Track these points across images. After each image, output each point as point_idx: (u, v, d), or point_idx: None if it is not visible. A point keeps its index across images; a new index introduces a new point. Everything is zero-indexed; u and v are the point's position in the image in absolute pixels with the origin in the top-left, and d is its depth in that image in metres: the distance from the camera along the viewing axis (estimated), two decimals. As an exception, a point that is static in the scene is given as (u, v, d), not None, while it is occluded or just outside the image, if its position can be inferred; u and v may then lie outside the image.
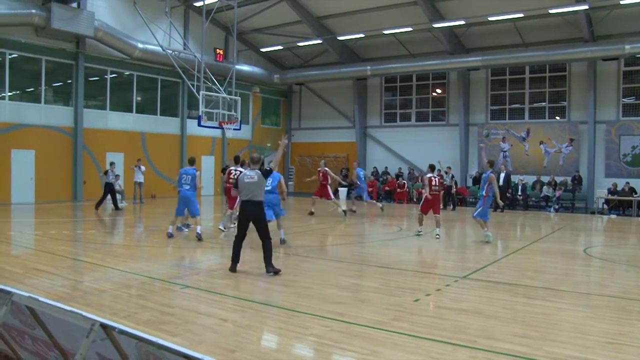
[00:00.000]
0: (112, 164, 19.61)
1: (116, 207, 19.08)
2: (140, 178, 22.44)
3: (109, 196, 19.11)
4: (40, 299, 3.51)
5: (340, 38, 27.65)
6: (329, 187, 18.64)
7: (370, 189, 27.36)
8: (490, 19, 22.78)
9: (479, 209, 12.55)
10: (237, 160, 13.96)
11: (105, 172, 19.40)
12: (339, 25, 27.09)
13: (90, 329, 2.98)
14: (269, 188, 11.90)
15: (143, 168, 22.56)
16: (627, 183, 22.15)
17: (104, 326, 2.98)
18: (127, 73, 24.77)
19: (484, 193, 12.48)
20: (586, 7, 20.66)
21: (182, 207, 12.40)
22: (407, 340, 5.30)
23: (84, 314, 3.11)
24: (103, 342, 3.04)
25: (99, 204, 18.80)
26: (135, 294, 7.08)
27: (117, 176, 20.02)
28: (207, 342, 5.16)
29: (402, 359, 4.84)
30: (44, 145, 21.51)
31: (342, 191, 28.26)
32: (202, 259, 10.36)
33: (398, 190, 26.67)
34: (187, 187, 12.12)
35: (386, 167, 29.02)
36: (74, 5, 21.14)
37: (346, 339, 5.31)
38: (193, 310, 6.31)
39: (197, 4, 25.01)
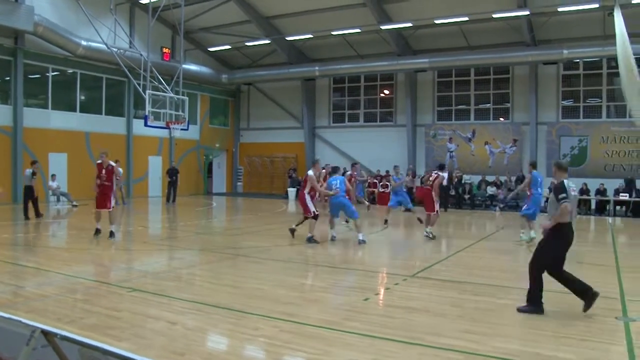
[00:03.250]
0: (32, 163, 16.98)
1: (37, 215, 16.32)
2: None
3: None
4: (-23, 305, 3.36)
5: (288, 38, 27.61)
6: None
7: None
8: (437, 21, 23.20)
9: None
10: (442, 167, 15.30)
11: (33, 174, 16.45)
12: (287, 25, 27.05)
13: (31, 336, 2.87)
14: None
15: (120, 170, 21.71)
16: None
17: (45, 333, 2.87)
18: (70, 71, 24.01)
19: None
20: (527, 12, 21.33)
21: (336, 211, 12.66)
22: (359, 339, 5.33)
23: (24, 320, 2.99)
24: (44, 350, 2.93)
25: (26, 212, 16.14)
26: (81, 299, 6.87)
27: (34, 175, 16.35)
28: (156, 346, 5.05)
29: (354, 358, 4.86)
30: (-19, 145, 20.62)
31: (291, 191, 28.26)
32: (149, 261, 10.12)
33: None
34: (343, 193, 12.31)
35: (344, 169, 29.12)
36: (12, -1, 20.35)
37: (297, 340, 5.29)
38: (141, 313, 6.17)
39: (143, 1, 24.48)
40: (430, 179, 13.75)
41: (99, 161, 12.71)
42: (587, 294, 6.38)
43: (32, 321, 3.01)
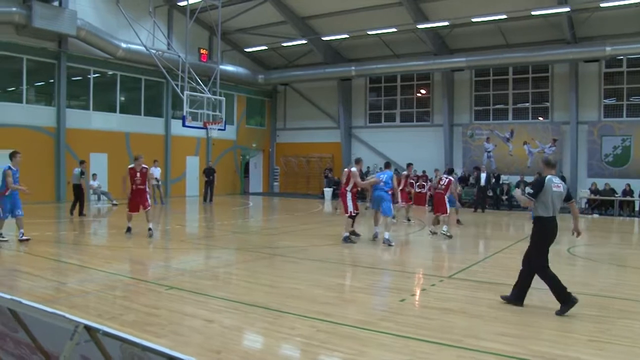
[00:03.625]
0: (81, 162, 18.04)
1: (80, 213, 17.10)
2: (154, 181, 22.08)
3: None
4: (23, 301, 3.45)
5: (324, 38, 27.64)
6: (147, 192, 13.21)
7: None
8: (474, 20, 22.93)
9: None
10: (450, 172, 15.52)
11: (82, 173, 17.57)
12: (323, 25, 27.08)
13: (74, 331, 2.94)
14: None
15: (157, 170, 22.24)
16: (607, 184, 22.42)
17: (87, 328, 2.94)
18: (110, 73, 24.54)
19: None
20: (568, 9, 20.87)
21: (377, 205, 12.71)
22: (394, 340, 5.30)
23: (68, 315, 3.06)
24: (87, 345, 2.99)
25: (73, 209, 17.14)
26: (120, 296, 7.02)
27: (82, 175, 17.49)
28: (193, 343, 5.12)
29: (389, 358, 4.85)
30: (26, 146, 21.03)
31: (327, 191, 28.29)
32: (186, 260, 10.27)
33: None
34: (388, 187, 12.52)
35: (368, 167, 28.98)
36: (56, 3, 20.89)
37: (333, 340, 5.30)
38: (178, 311, 6.26)
39: (181, 4, 24.86)
40: (441, 183, 14.08)
41: (131, 165, 12.97)
42: (522, 296, 6.79)
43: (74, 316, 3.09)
